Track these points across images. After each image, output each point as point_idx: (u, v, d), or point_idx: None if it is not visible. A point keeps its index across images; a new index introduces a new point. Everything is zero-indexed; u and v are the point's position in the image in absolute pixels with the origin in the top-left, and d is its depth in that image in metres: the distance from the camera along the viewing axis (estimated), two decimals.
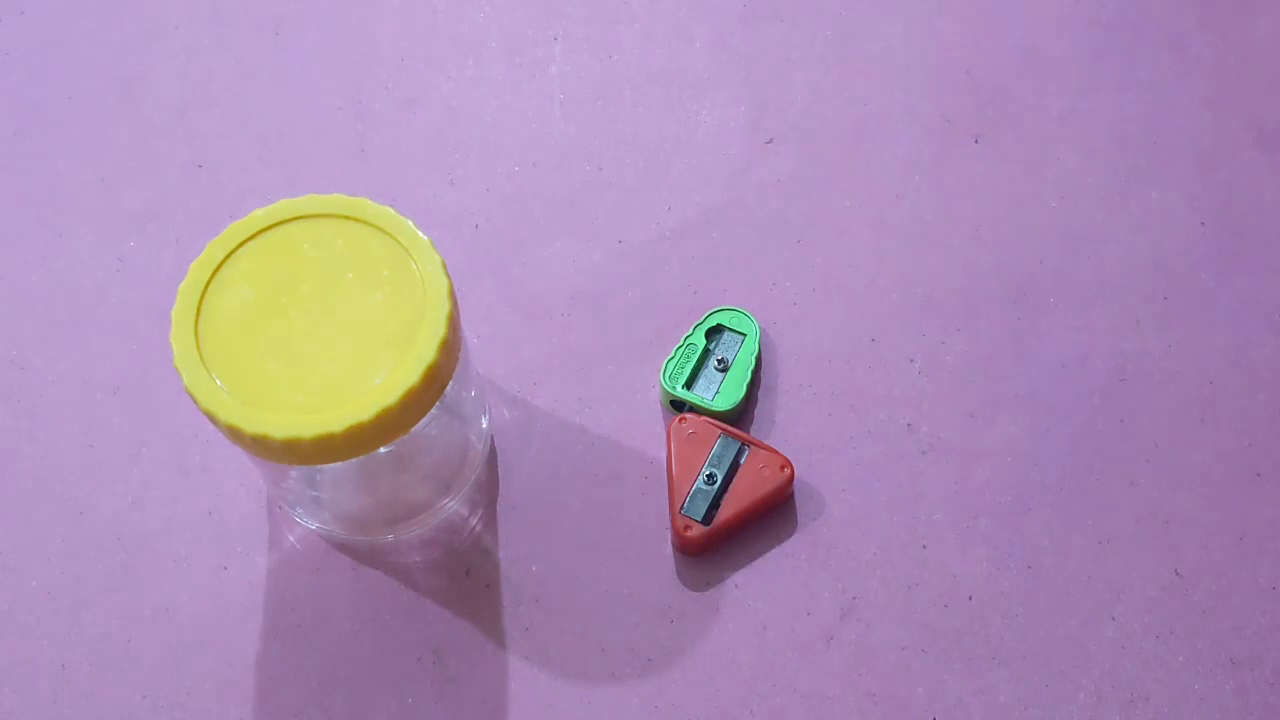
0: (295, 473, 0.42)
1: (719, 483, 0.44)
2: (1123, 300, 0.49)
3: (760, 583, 0.44)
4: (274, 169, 0.52)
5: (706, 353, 0.47)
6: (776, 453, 0.45)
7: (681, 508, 0.44)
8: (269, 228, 0.38)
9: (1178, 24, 0.55)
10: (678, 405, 0.46)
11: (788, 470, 0.44)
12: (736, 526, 0.44)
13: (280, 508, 0.45)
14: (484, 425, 0.46)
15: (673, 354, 0.47)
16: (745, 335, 0.47)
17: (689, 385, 0.46)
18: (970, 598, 0.44)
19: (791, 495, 0.45)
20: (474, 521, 0.45)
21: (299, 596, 0.44)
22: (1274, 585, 0.44)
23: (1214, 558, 0.44)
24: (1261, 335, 0.48)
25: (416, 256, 0.37)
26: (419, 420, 0.37)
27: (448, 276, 0.37)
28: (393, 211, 0.38)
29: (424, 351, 0.36)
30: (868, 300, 0.49)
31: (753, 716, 0.42)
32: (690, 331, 0.47)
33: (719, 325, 0.48)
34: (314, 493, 0.44)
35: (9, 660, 0.43)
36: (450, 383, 0.38)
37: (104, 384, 0.47)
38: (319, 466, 0.38)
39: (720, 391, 0.46)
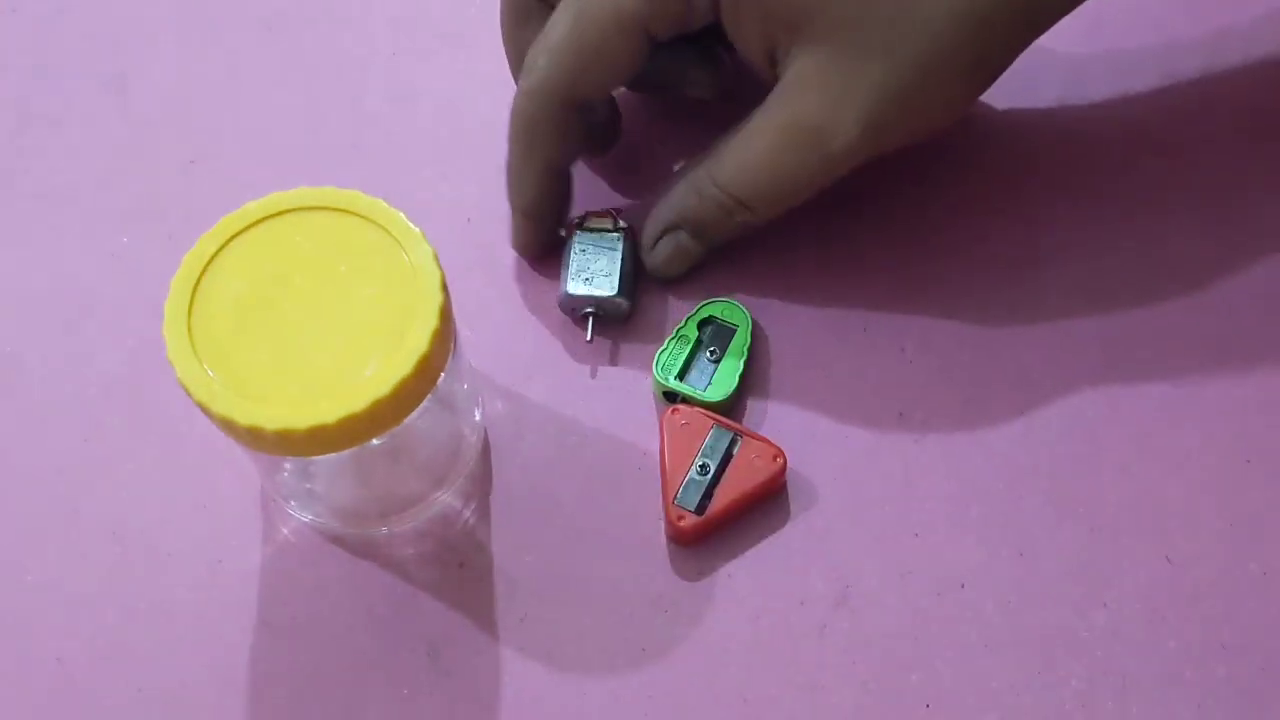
0: (289, 465, 0.42)
1: (712, 473, 0.44)
2: (1112, 288, 0.49)
3: (754, 572, 0.44)
4: (267, 164, 0.52)
5: (699, 344, 0.47)
6: (769, 443, 0.45)
7: (675, 498, 0.44)
8: (261, 220, 0.38)
9: (1165, 13, 0.56)
10: (670, 397, 0.46)
11: (780, 460, 0.44)
12: (730, 516, 0.44)
13: (274, 501, 0.45)
14: (477, 418, 0.46)
15: (665, 345, 0.47)
16: (738, 326, 0.47)
17: (681, 377, 0.46)
18: (963, 585, 0.44)
19: (784, 485, 0.45)
20: (467, 514, 0.45)
21: (293, 590, 0.44)
22: (1265, 571, 0.44)
23: (1205, 544, 0.45)
24: (1252, 323, 0.49)
25: (408, 248, 0.37)
26: (412, 411, 0.37)
27: (440, 268, 0.37)
28: (384, 204, 0.38)
29: (416, 342, 0.36)
30: (859, 290, 0.49)
31: (747, 705, 0.42)
32: (682, 323, 0.47)
33: (711, 317, 0.48)
34: (308, 485, 0.44)
35: (4, 656, 0.43)
36: (443, 374, 0.38)
37: (98, 379, 0.48)
38: (313, 458, 0.39)
39: (713, 382, 0.46)
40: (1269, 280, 0.49)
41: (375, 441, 0.37)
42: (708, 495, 0.44)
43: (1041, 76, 0.54)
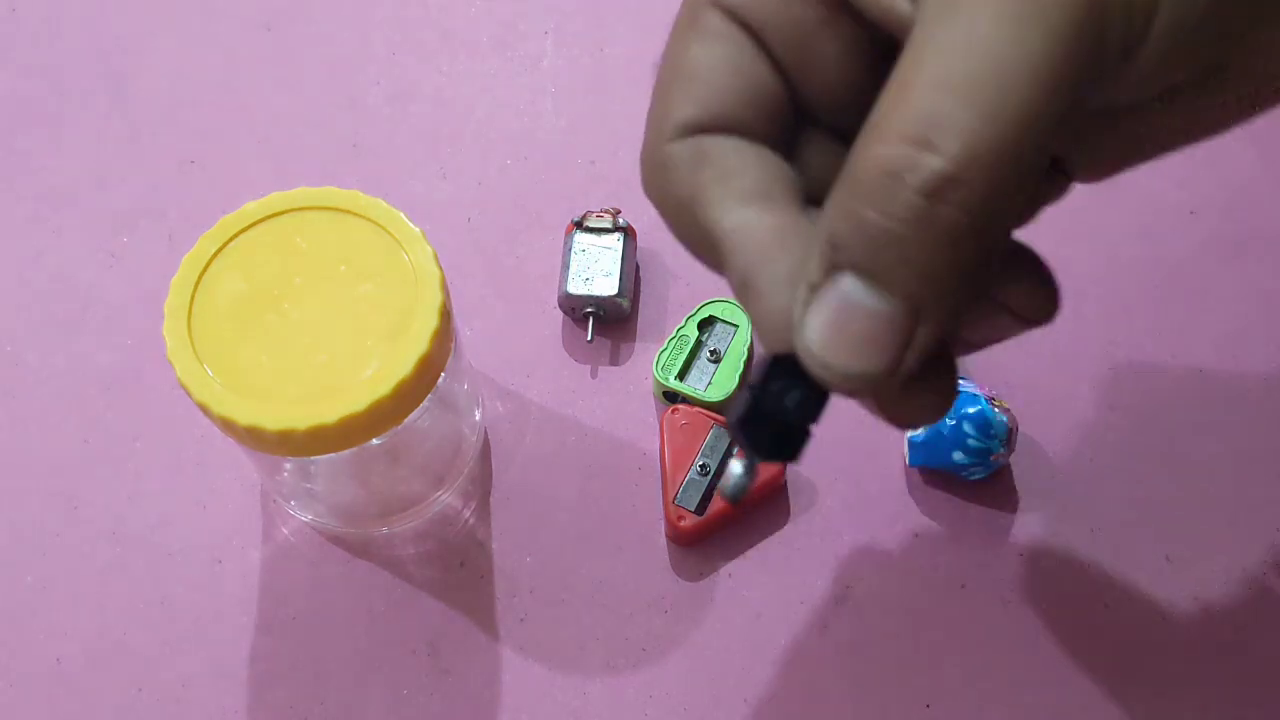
0: (289, 465, 0.42)
1: (712, 473, 0.44)
2: (1113, 289, 0.49)
3: (754, 572, 0.44)
4: (267, 164, 0.52)
5: (699, 344, 0.47)
6: None
7: (675, 498, 0.44)
8: (261, 220, 0.38)
9: None
10: (670, 397, 0.46)
11: None
12: (730, 517, 0.44)
13: (274, 501, 0.45)
14: (477, 417, 0.46)
15: (665, 345, 0.47)
16: (737, 326, 0.47)
17: (681, 377, 0.46)
18: (963, 586, 0.44)
19: (784, 485, 0.45)
20: (467, 514, 0.45)
21: (293, 589, 0.44)
22: (1264, 571, 0.44)
23: (1205, 544, 0.45)
24: (1252, 323, 0.49)
25: (408, 248, 0.37)
26: (412, 411, 0.37)
27: (440, 268, 0.37)
28: (384, 203, 0.38)
29: (416, 342, 0.36)
30: None
31: (747, 705, 0.42)
32: (683, 323, 0.47)
33: (711, 317, 0.48)
34: (308, 485, 0.44)
35: (4, 655, 0.43)
36: (443, 374, 0.38)
37: (98, 379, 0.48)
38: (313, 458, 0.39)
39: (713, 382, 0.46)
40: (1270, 280, 0.49)
41: (375, 441, 0.37)
42: (708, 495, 0.44)
43: None
